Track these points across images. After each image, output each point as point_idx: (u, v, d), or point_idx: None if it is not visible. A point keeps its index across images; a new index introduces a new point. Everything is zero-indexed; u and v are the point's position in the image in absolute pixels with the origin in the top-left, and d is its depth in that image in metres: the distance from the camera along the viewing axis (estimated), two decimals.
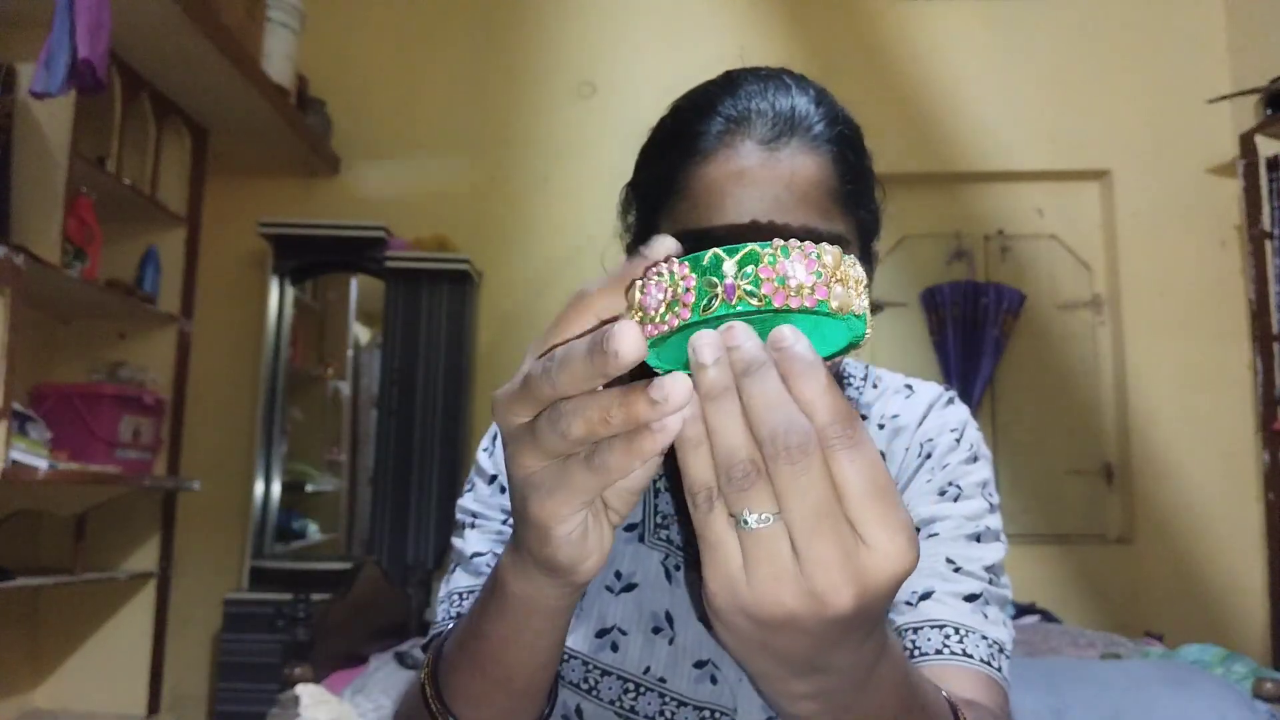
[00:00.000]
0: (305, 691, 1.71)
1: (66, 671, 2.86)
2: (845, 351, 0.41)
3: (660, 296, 0.36)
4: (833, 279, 0.36)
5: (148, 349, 2.95)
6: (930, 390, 0.80)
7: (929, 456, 0.74)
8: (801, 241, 0.36)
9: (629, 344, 0.35)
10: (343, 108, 3.51)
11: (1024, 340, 3.48)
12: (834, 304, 0.36)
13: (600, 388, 0.37)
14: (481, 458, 0.80)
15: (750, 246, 0.35)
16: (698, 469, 0.37)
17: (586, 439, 0.38)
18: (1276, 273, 3.02)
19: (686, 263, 0.36)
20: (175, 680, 3.06)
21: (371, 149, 3.55)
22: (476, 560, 0.74)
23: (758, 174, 0.65)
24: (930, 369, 3.45)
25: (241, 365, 3.37)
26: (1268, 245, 3.03)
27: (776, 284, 0.35)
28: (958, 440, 0.76)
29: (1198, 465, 3.30)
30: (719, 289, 0.35)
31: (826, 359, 0.39)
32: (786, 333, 0.36)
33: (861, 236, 0.70)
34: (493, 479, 0.77)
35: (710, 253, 0.36)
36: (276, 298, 3.34)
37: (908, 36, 3.56)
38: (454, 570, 0.75)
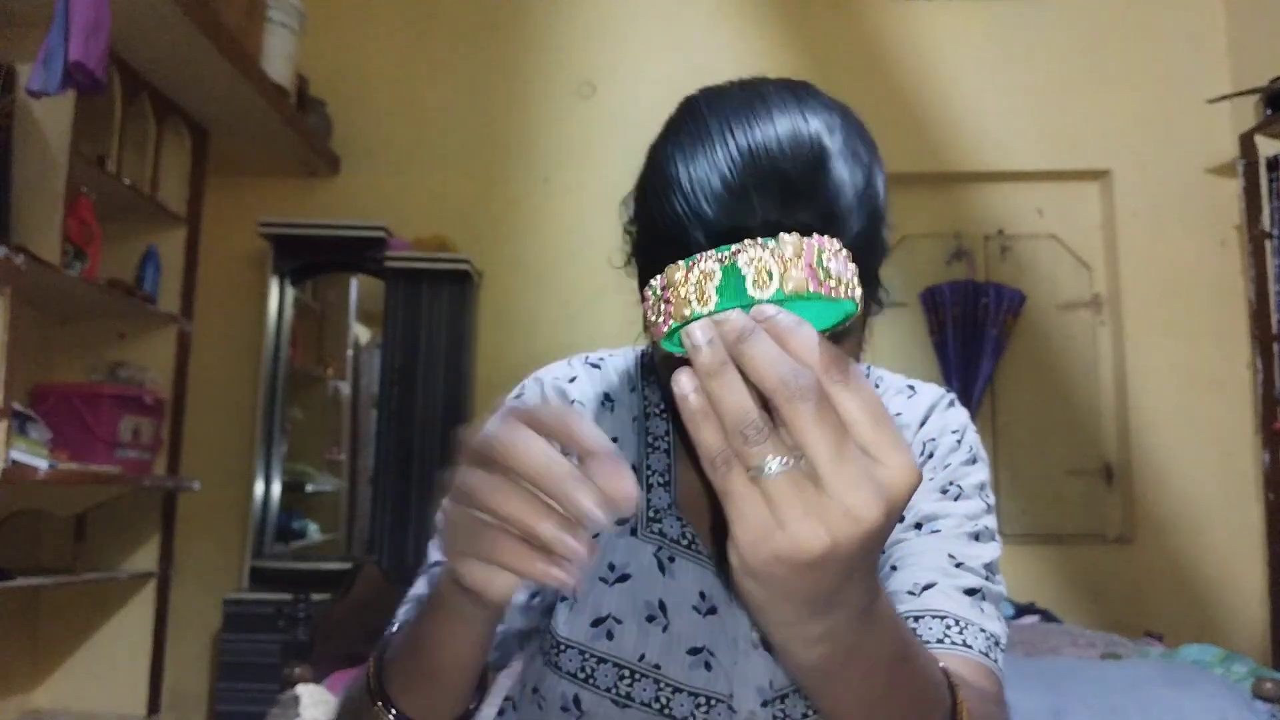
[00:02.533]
0: (305, 691, 1.71)
1: (66, 671, 2.85)
2: (838, 325, 0.48)
3: (852, 268, 0.45)
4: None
5: (148, 349, 2.95)
6: (932, 392, 0.82)
7: (931, 456, 0.77)
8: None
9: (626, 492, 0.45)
10: (343, 108, 3.51)
11: (1024, 340, 3.48)
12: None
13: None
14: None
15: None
16: (710, 438, 0.41)
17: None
18: (1276, 273, 3.02)
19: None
20: (175, 680, 3.05)
21: (371, 149, 3.54)
22: (435, 570, 0.76)
23: None
24: (930, 369, 3.45)
25: (241, 365, 3.37)
26: (1268, 245, 3.03)
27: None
28: (959, 442, 0.78)
29: (1197, 465, 3.30)
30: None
31: (821, 333, 0.44)
32: (767, 308, 0.41)
33: (868, 227, 0.65)
34: None
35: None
36: (276, 298, 3.34)
37: (907, 36, 3.56)
38: (419, 576, 0.77)
